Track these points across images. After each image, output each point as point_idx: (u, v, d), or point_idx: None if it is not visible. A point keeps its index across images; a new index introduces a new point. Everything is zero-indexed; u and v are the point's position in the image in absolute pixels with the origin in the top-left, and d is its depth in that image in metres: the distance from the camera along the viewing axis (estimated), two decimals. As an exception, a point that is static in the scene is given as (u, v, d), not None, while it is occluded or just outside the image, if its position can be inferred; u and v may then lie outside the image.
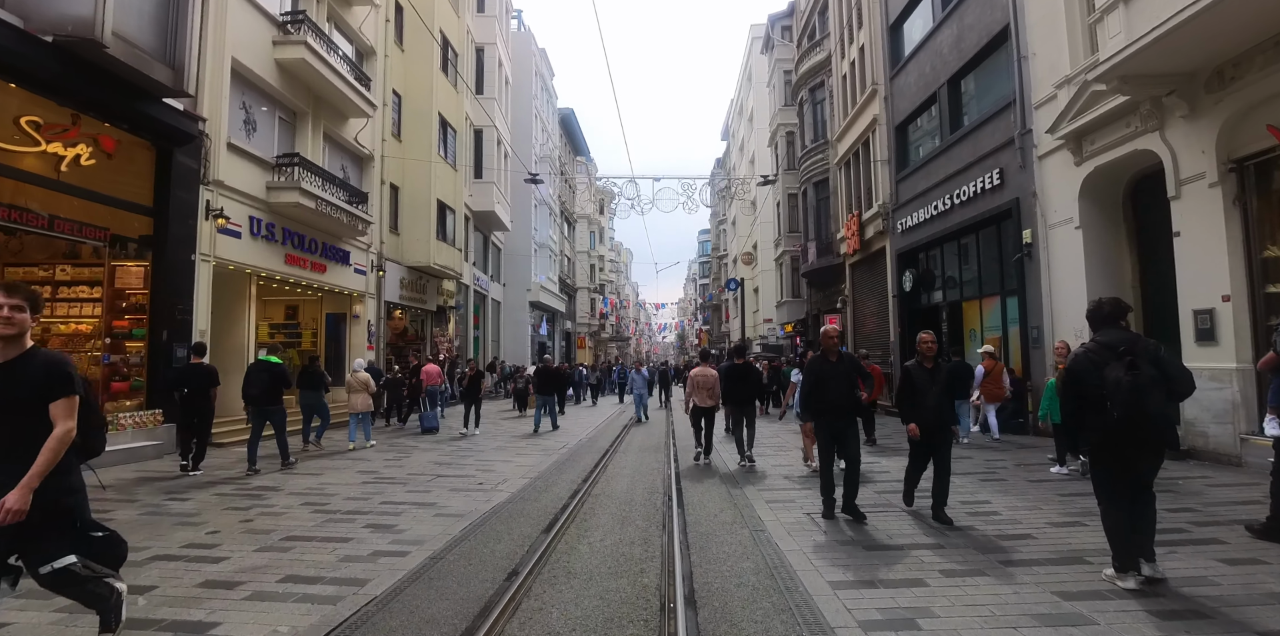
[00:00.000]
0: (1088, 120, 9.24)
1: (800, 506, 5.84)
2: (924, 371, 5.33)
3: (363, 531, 5.18)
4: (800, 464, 8.24)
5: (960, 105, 13.93)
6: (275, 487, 7.08)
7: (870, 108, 17.99)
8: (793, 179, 27.24)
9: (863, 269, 19.92)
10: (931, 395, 5.20)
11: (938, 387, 5.23)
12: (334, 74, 13.67)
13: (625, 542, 4.81)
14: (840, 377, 5.48)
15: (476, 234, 26.55)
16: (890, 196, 16.88)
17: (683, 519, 5.45)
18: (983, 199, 12.47)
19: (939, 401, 5.21)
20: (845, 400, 5.44)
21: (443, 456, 9.64)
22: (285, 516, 5.70)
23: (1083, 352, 4.00)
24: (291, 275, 13.32)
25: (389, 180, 17.83)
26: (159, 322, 9.97)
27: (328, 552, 4.59)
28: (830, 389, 5.45)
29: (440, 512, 5.84)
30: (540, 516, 5.71)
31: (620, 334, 69.34)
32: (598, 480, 7.54)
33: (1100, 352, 3.88)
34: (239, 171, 11.58)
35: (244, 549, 4.69)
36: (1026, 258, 11.06)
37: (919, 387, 5.26)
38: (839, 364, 5.61)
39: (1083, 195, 9.85)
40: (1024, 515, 5.34)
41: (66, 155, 8.62)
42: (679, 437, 11.82)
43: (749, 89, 40.89)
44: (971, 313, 13.66)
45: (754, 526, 5.17)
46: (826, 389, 5.46)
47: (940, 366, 5.41)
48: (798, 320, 28.71)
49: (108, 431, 3.24)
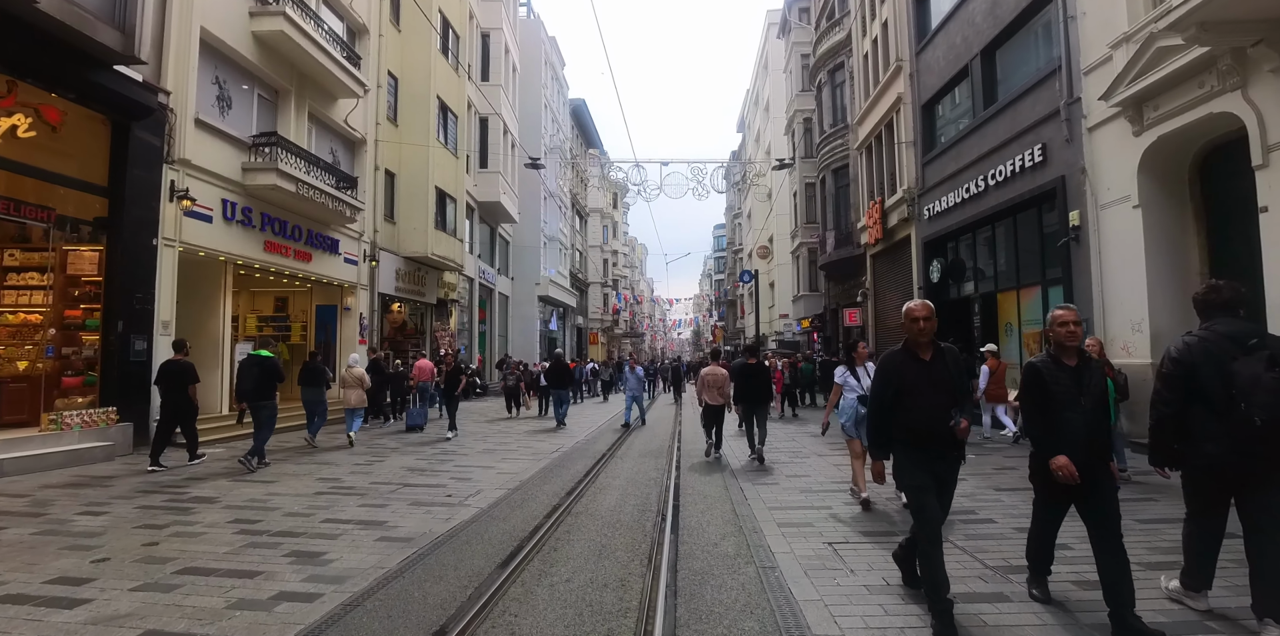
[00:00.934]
0: (1151, 82, 8.05)
1: (819, 532, 4.80)
2: (1063, 373, 3.26)
3: (280, 562, 4.23)
4: (813, 477, 7.17)
5: (995, 78, 12.71)
6: (213, 499, 6.17)
7: (894, 86, 16.79)
8: (810, 167, 26.03)
9: (885, 259, 18.73)
10: (1080, 410, 3.20)
11: (1089, 397, 3.22)
12: (318, 50, 12.77)
13: (597, 584, 3.80)
14: (938, 386, 3.31)
15: (482, 226, 25.66)
16: (916, 181, 15.69)
17: (674, 550, 4.43)
18: (1021, 178, 11.29)
19: (1093, 419, 3.21)
20: (945, 423, 3.26)
21: (420, 461, 8.71)
22: (200, 539, 4.77)
23: (1197, 342, 3.21)
24: (272, 264, 12.45)
25: (384, 166, 16.93)
26: (114, 312, 9.12)
27: (220, 595, 3.63)
28: (921, 404, 3.28)
29: (386, 536, 4.88)
30: (503, 543, 4.72)
31: (634, 330, 68.34)
32: (584, 493, 6.54)
33: (1221, 343, 3.13)
34: (210, 151, 10.71)
35: (120, 586, 3.75)
36: (1073, 242, 9.88)
37: (1060, 399, 3.23)
38: (935, 363, 3.36)
39: (1142, 169, 8.65)
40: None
41: (0, 125, 7.78)
42: (685, 440, 10.80)
43: (765, 77, 39.60)
44: (1007, 305, 12.47)
45: (762, 561, 4.13)
46: (915, 404, 3.29)
47: (1089, 366, 3.30)
48: (815, 315, 27.53)
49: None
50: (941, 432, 3.25)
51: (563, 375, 13.74)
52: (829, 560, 4.12)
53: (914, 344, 3.42)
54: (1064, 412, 3.21)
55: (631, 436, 11.74)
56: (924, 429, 3.27)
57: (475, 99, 22.76)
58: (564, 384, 13.75)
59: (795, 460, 8.35)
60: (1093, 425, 3.20)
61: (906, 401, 3.30)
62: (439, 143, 18.70)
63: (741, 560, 4.21)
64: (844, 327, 22.53)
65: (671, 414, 16.95)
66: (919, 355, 3.39)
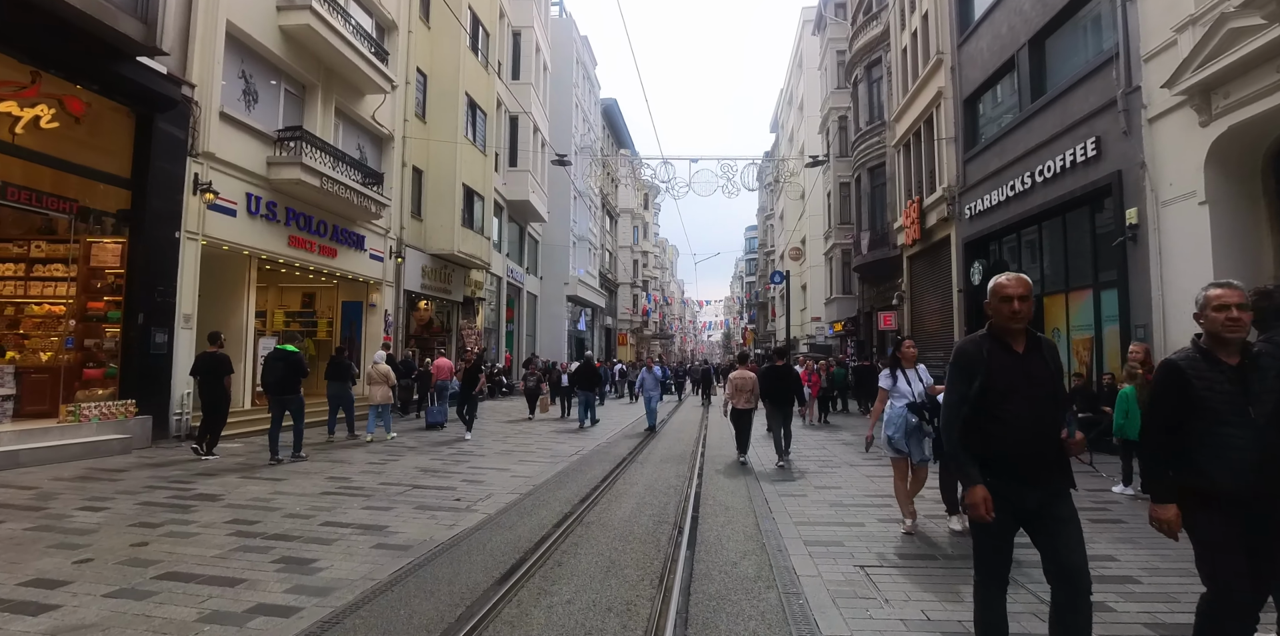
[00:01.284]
0: (1221, 67, 7.40)
1: (850, 553, 4.36)
2: (1220, 374, 2.38)
3: (267, 569, 3.96)
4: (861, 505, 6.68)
5: (1044, 69, 12.03)
6: (217, 496, 5.98)
7: (934, 80, 16.13)
8: (845, 166, 25.33)
9: (923, 261, 18.03)
10: (1248, 426, 2.32)
11: (1263, 406, 2.33)
12: (345, 44, 12.70)
13: (600, 607, 3.44)
14: (1039, 387, 2.48)
15: (511, 225, 25.57)
16: (957, 178, 15.01)
17: (689, 569, 4.04)
18: (1072, 175, 10.62)
19: (1267, 439, 2.30)
20: (1051, 438, 2.45)
21: (434, 461, 8.46)
22: (192, 540, 4.54)
23: None
24: (296, 258, 12.40)
25: (411, 162, 16.86)
26: (135, 305, 9.08)
27: (194, 604, 3.37)
28: (1018, 411, 2.44)
29: (383, 543, 4.59)
30: (505, 554, 4.39)
31: (664, 331, 67.91)
32: (598, 500, 6.19)
33: None
34: (234, 144, 10.66)
35: (94, 591, 3.52)
36: (1130, 242, 9.20)
37: (1215, 409, 2.36)
38: (1032, 357, 2.53)
39: (1210, 163, 7.98)
40: (1176, 586, 3.73)
41: (23, 116, 7.77)
42: (709, 446, 10.39)
43: (799, 76, 38.88)
44: (1055, 309, 11.77)
45: (786, 586, 3.72)
46: (1008, 411, 2.44)
47: (1258, 362, 2.41)
48: (848, 318, 26.80)
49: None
50: (1045, 451, 2.41)
51: (591, 377, 13.63)
52: (861, 587, 3.69)
53: (1004, 331, 2.55)
54: (1221, 428, 2.33)
55: (654, 441, 11.36)
56: (1021, 447, 2.40)
57: (505, 97, 22.65)
58: (592, 385, 13.66)
59: (825, 470, 7.89)
60: (1266, 444, 2.27)
61: (995, 408, 2.44)
62: (467, 140, 18.59)
63: (762, 584, 3.80)
64: (878, 331, 21.84)
65: (698, 417, 16.53)
66: (1011, 346, 2.52)
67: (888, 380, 5.24)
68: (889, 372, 5.26)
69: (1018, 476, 2.41)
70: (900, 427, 5.00)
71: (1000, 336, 2.56)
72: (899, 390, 5.14)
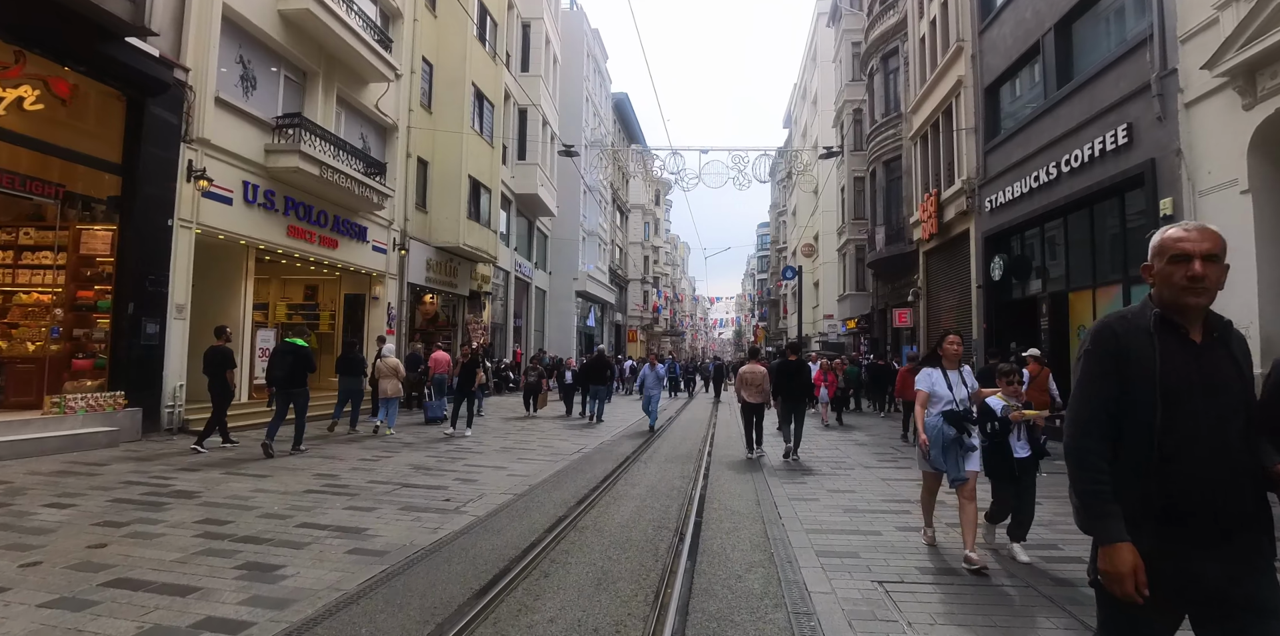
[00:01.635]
0: (1269, 45, 6.88)
1: (867, 566, 3.96)
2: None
3: (226, 576, 3.63)
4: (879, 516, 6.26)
5: (1070, 54, 11.49)
6: (194, 493, 5.67)
7: (954, 69, 15.58)
8: (859, 160, 24.77)
9: (940, 256, 17.49)
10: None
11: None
12: (347, 31, 12.37)
13: (585, 629, 3.06)
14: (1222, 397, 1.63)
15: (520, 219, 25.22)
16: (977, 170, 14.48)
17: (688, 582, 3.66)
18: (1101, 164, 10.10)
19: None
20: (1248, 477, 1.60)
21: (429, 458, 8.13)
22: (154, 542, 4.22)
23: None
24: (295, 249, 12.11)
25: (416, 153, 16.54)
26: (125, 294, 8.81)
27: (136, 617, 3.03)
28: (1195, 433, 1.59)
29: (359, 547, 4.25)
30: (489, 562, 4.03)
31: (674, 328, 67.47)
32: (597, 502, 5.82)
33: None
34: (231, 130, 10.37)
35: (30, 600, 3.19)
36: (1164, 234, 8.70)
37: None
38: (1213, 352, 1.68)
39: (1254, 149, 7.46)
40: None
41: (5, 97, 7.48)
42: (717, 445, 10.00)
43: (813, 70, 38.25)
44: (1081, 305, 11.25)
45: (795, 605, 3.33)
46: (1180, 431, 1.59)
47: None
48: (861, 315, 26.28)
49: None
50: (1237, 495, 1.58)
51: (601, 372, 13.49)
52: (880, 607, 3.29)
53: (1175, 309, 1.69)
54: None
55: (660, 439, 10.98)
56: (1200, 487, 1.57)
57: (514, 89, 22.30)
58: (603, 380, 13.50)
59: (838, 472, 7.47)
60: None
61: (1160, 424, 1.60)
62: (474, 131, 18.24)
63: (769, 602, 3.40)
64: (892, 329, 21.33)
65: (708, 414, 16.13)
66: (1186, 333, 1.69)
67: (927, 381, 4.55)
68: (929, 372, 4.58)
69: (1190, 534, 1.56)
70: (936, 440, 4.36)
71: (1168, 318, 1.69)
72: (937, 394, 4.48)
